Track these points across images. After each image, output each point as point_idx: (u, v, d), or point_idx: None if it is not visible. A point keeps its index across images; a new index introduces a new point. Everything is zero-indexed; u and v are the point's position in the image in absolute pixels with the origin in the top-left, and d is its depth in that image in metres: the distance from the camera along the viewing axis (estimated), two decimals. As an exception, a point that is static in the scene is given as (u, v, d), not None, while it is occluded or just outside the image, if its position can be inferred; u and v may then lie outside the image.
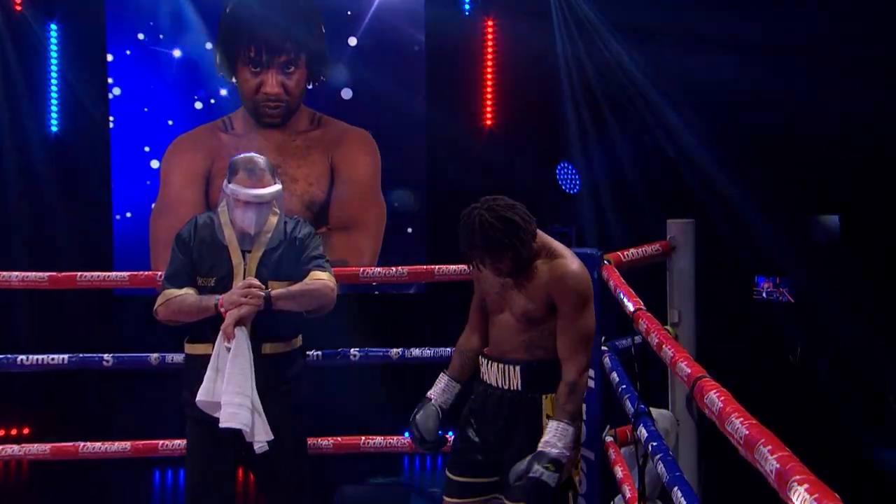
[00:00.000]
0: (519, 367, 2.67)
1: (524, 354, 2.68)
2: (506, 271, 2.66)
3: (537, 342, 2.67)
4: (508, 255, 2.61)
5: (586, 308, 2.64)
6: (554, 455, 2.54)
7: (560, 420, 2.58)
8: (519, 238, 2.61)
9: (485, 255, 2.62)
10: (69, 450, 3.61)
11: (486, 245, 2.59)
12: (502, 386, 2.71)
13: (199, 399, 2.96)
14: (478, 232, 2.60)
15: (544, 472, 2.51)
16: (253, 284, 2.97)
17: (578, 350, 2.62)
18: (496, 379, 2.72)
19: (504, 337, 2.72)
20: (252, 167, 3.06)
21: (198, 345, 3.08)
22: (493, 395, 2.73)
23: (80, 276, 3.52)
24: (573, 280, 2.63)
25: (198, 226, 3.14)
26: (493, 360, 2.74)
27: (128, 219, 7.07)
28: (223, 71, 7.07)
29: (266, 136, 7.11)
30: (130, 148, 7.05)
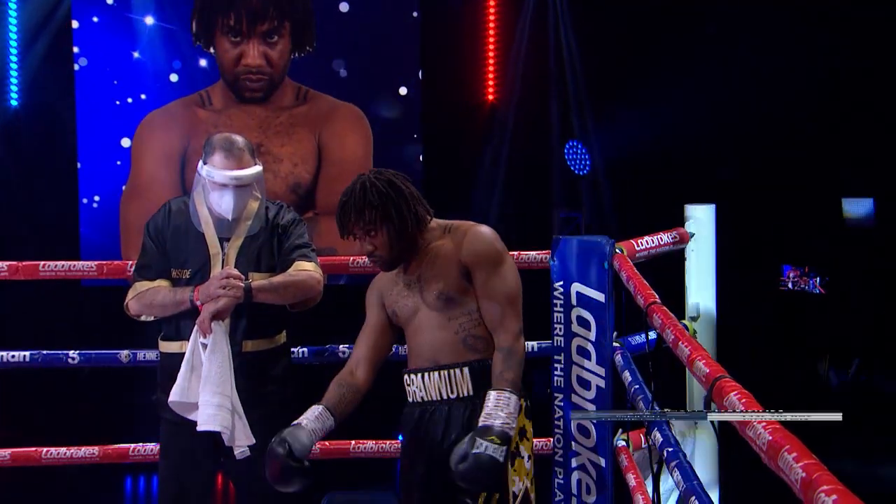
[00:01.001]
0: (467, 369, 2.60)
1: (467, 354, 2.61)
2: (380, 251, 2.60)
3: (473, 332, 2.60)
4: (384, 225, 2.58)
5: (503, 265, 2.61)
6: (498, 426, 2.47)
7: (500, 389, 2.52)
8: (399, 207, 2.59)
9: (358, 220, 2.58)
10: (31, 455, 3.62)
11: (362, 205, 2.57)
12: (448, 396, 2.62)
13: (173, 400, 2.96)
14: (357, 193, 2.60)
15: (489, 445, 2.44)
16: (231, 274, 2.97)
17: (506, 313, 2.58)
18: (438, 390, 2.62)
19: (433, 340, 2.63)
20: (230, 146, 3.05)
21: (172, 342, 3.08)
22: (437, 410, 2.63)
23: (44, 265, 3.52)
24: (481, 238, 2.61)
25: (171, 212, 3.14)
26: (430, 370, 2.63)
27: (96, 203, 7.07)
28: (200, 40, 7.07)
29: (247, 112, 7.11)
30: (98, 125, 7.05)
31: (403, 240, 2.62)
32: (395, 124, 7.19)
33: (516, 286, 2.62)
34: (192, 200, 3.12)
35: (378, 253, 2.62)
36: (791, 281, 6.85)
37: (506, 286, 2.59)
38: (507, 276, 2.61)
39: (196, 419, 2.94)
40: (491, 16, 7.29)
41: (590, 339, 3.41)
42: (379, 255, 2.63)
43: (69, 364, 3.57)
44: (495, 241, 2.63)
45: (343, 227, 2.62)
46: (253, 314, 3.03)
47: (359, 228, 2.60)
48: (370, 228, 2.60)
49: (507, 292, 2.59)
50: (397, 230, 2.60)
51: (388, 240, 2.61)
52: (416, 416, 2.68)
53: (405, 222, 2.61)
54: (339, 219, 2.63)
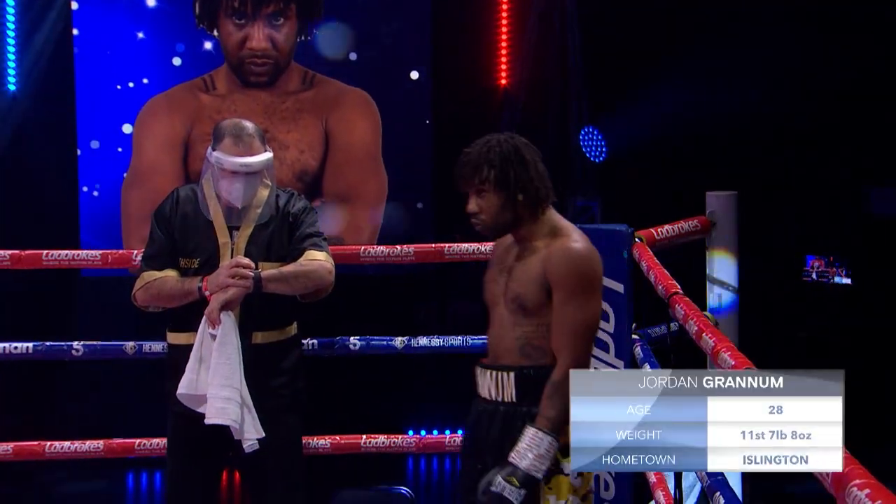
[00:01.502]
0: (513, 374, 2.55)
1: (518, 358, 2.56)
2: (484, 214, 2.55)
3: (533, 341, 2.56)
4: (496, 189, 2.53)
5: (586, 295, 2.51)
6: (523, 468, 2.43)
7: (537, 427, 2.46)
8: (518, 176, 2.52)
9: (473, 175, 2.54)
10: (34, 449, 3.65)
11: (481, 161, 2.53)
12: (495, 398, 2.58)
13: (181, 392, 2.98)
14: (480, 148, 2.56)
15: (506, 486, 2.42)
16: (241, 263, 2.99)
17: (570, 344, 2.50)
18: (489, 390, 2.60)
19: (498, 337, 2.61)
20: (239, 133, 3.07)
21: (181, 334, 3.10)
22: (485, 410, 2.62)
23: (47, 254, 3.55)
24: (573, 260, 2.52)
25: (179, 200, 3.16)
26: (487, 368, 2.62)
27: (96, 190, 7.10)
28: (203, 23, 7.07)
29: (252, 97, 7.11)
30: (99, 111, 7.07)
31: (511, 211, 2.56)
32: (405, 109, 7.19)
33: (593, 320, 2.54)
34: (201, 188, 3.14)
35: (482, 216, 2.57)
36: (815, 271, 6.83)
37: (581, 316, 2.50)
38: (587, 307, 2.51)
39: (204, 412, 2.96)
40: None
41: (608, 330, 3.43)
42: (482, 219, 2.57)
43: (73, 356, 3.60)
44: (585, 266, 2.53)
45: (457, 178, 2.59)
46: (263, 305, 3.05)
47: (471, 184, 2.56)
48: (482, 188, 2.55)
49: (580, 323, 2.50)
50: (508, 198, 2.54)
51: (497, 206, 2.55)
52: (477, 410, 2.67)
53: (518, 193, 2.55)
54: (456, 169, 2.59)
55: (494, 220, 2.56)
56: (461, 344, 3.75)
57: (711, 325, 2.42)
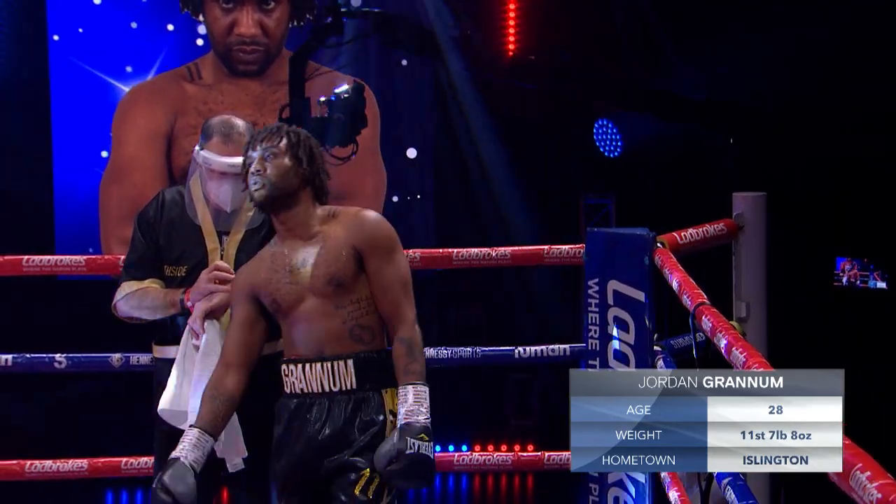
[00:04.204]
0: (351, 361, 2.72)
1: (352, 344, 2.73)
2: (270, 174, 2.73)
3: (361, 322, 2.74)
4: (287, 155, 2.74)
5: (396, 252, 2.77)
6: (422, 422, 2.63)
7: (413, 383, 2.67)
8: (310, 154, 2.77)
9: (267, 139, 2.76)
10: (13, 469, 3.68)
11: (278, 131, 2.77)
12: (331, 389, 2.73)
13: (162, 408, 2.99)
14: (277, 124, 2.84)
15: (419, 444, 2.59)
16: (220, 267, 2.99)
17: (403, 301, 2.74)
18: (320, 383, 2.74)
19: (318, 329, 2.74)
20: (229, 131, 3.07)
21: (168, 347, 3.10)
22: (316, 403, 2.74)
23: (27, 260, 3.57)
24: (375, 224, 2.77)
25: (164, 202, 3.15)
26: (312, 361, 2.74)
27: (72, 188, 7.12)
28: (188, 7, 7.09)
29: (241, 87, 7.14)
30: (76, 102, 7.09)
31: (296, 179, 2.76)
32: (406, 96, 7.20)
33: (408, 272, 2.79)
34: (188, 189, 3.13)
35: (267, 176, 2.74)
36: (847, 275, 6.85)
37: (400, 273, 2.76)
38: (401, 263, 2.77)
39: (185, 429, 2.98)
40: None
41: (628, 341, 3.46)
42: (265, 181, 2.74)
43: (55, 369, 3.62)
44: (387, 226, 2.80)
45: (248, 144, 2.80)
46: (253, 314, 3.08)
47: (261, 147, 2.76)
48: (273, 152, 2.75)
49: (402, 280, 2.75)
50: (296, 168, 2.75)
51: (284, 170, 2.74)
52: (293, 407, 2.77)
53: (305, 168, 2.76)
54: (249, 137, 2.84)
55: (278, 183, 2.74)
56: (471, 355, 3.78)
57: (741, 338, 2.44)
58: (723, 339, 2.47)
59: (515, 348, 3.85)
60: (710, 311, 2.70)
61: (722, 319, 2.63)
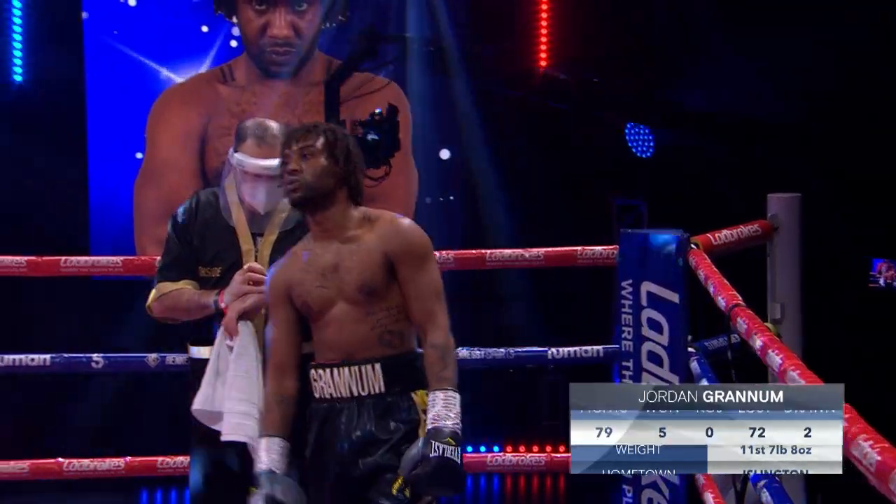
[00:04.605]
0: (379, 365, 2.70)
1: (381, 349, 2.72)
2: (307, 175, 2.71)
3: (391, 328, 2.72)
4: (324, 155, 2.73)
5: (430, 260, 2.76)
6: (450, 427, 2.61)
7: (444, 388, 2.66)
8: (347, 154, 2.75)
9: (303, 139, 2.74)
10: (52, 468, 3.72)
11: (314, 130, 2.76)
12: (359, 393, 2.71)
13: (196, 408, 3.01)
14: (315, 124, 2.83)
15: (446, 447, 2.58)
16: (253, 268, 3.01)
17: (437, 309, 2.73)
18: (348, 387, 2.72)
19: (347, 334, 2.73)
20: (263, 133, 3.09)
21: (203, 347, 3.12)
22: (344, 408, 2.73)
23: (65, 261, 3.61)
24: (408, 232, 2.75)
25: (199, 204, 3.17)
26: (340, 365, 2.73)
27: (107, 189, 7.17)
28: (222, 8, 7.13)
29: (273, 88, 7.16)
30: (111, 103, 7.13)
31: (333, 179, 2.74)
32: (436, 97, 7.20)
33: (440, 280, 2.78)
34: (223, 191, 3.16)
35: (303, 177, 2.72)
36: (883, 276, 6.80)
37: (433, 282, 2.75)
38: (434, 270, 2.77)
39: (220, 429, 3.00)
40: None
41: (662, 343, 3.46)
42: (302, 181, 2.72)
43: (93, 369, 3.66)
44: (421, 234, 2.78)
45: (285, 143, 2.78)
46: (287, 316, 3.10)
47: (297, 146, 2.74)
48: (309, 151, 2.74)
49: (435, 288, 2.75)
50: (333, 168, 2.74)
51: (320, 170, 2.73)
52: (323, 412, 2.76)
53: (342, 167, 2.75)
54: (286, 135, 2.82)
55: (313, 180, 2.72)
56: (504, 356, 3.79)
57: (778, 340, 2.44)
58: (758, 341, 2.47)
59: (549, 349, 3.86)
60: (746, 313, 2.70)
61: (757, 321, 2.63)
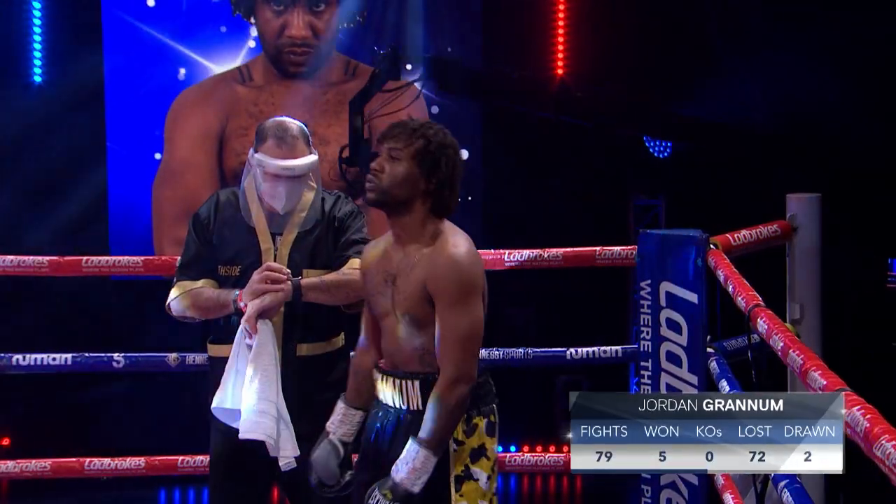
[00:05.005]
0: (418, 382, 2.66)
1: (422, 367, 2.67)
2: (385, 178, 2.63)
3: (431, 350, 2.65)
4: (413, 162, 2.62)
5: (465, 302, 2.60)
6: (397, 481, 2.56)
7: (415, 440, 2.59)
8: (438, 165, 2.62)
9: (398, 138, 2.63)
10: (73, 466, 3.75)
11: (415, 131, 2.63)
12: (400, 405, 2.70)
13: (215, 406, 3.03)
14: (421, 122, 2.68)
15: (380, 499, 2.55)
16: (271, 268, 3.03)
17: (451, 354, 2.58)
18: (393, 398, 2.71)
19: (395, 347, 2.70)
20: (283, 134, 3.11)
21: (223, 346, 3.14)
22: (389, 416, 2.72)
23: (87, 260, 3.64)
24: (451, 267, 2.60)
25: (219, 204, 3.19)
26: (388, 374, 2.72)
27: (126, 188, 7.20)
28: (240, 9, 7.15)
29: (291, 89, 7.18)
30: (130, 103, 7.16)
31: (411, 189, 2.65)
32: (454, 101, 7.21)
33: (473, 327, 2.62)
34: (243, 191, 3.18)
35: (382, 177, 2.64)
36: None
37: (458, 327, 2.59)
38: (465, 315, 2.60)
39: (239, 427, 3.02)
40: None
41: (681, 343, 3.46)
42: (379, 181, 2.65)
43: (114, 368, 3.69)
44: (464, 272, 2.62)
45: (381, 136, 2.68)
46: (307, 315, 3.10)
47: (388, 145, 2.65)
48: (397, 154, 2.64)
49: (459, 333, 2.59)
50: (416, 177, 2.64)
51: (401, 178, 2.63)
52: (374, 412, 2.78)
53: (426, 179, 2.65)
54: (388, 127, 2.69)
55: (391, 188, 2.64)
56: (522, 356, 3.80)
57: (799, 341, 2.44)
58: (779, 342, 2.46)
59: (567, 349, 3.86)
60: (766, 313, 2.70)
61: (777, 321, 2.63)
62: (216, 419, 3.09)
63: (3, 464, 3.74)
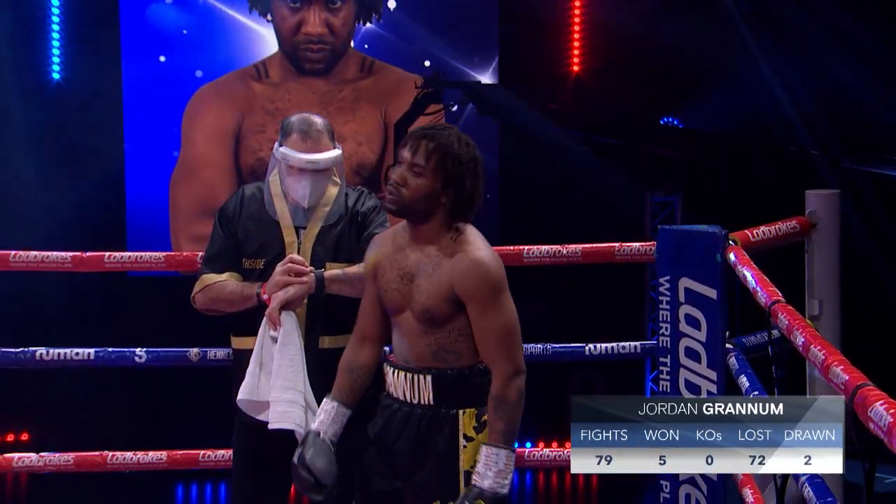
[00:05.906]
0: (430, 377, 2.69)
1: (433, 362, 2.70)
2: (406, 191, 2.64)
3: (448, 346, 2.69)
4: (434, 176, 2.63)
5: (499, 300, 2.65)
6: (485, 488, 2.58)
7: (489, 444, 2.61)
8: (460, 176, 2.64)
9: (418, 147, 2.65)
10: (95, 460, 3.77)
11: (435, 142, 2.64)
12: (411, 400, 2.72)
13: (241, 398, 3.06)
14: (441, 131, 2.69)
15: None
16: (294, 260, 3.06)
17: (501, 352, 2.64)
18: (404, 392, 2.73)
19: (408, 342, 2.73)
20: (307, 128, 3.14)
21: (247, 338, 3.17)
22: (399, 411, 2.74)
23: (109, 256, 3.66)
24: (479, 270, 2.64)
25: (244, 198, 3.23)
26: (400, 368, 2.74)
27: (143, 185, 7.23)
28: (256, 7, 7.18)
29: (307, 86, 7.20)
30: (148, 100, 7.20)
31: (431, 203, 2.67)
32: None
33: (512, 320, 2.67)
34: (267, 185, 3.21)
35: (404, 192, 2.66)
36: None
37: (498, 325, 2.65)
38: (502, 312, 2.65)
39: (266, 419, 3.03)
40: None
41: (700, 339, 3.47)
42: (401, 195, 2.66)
43: (136, 363, 3.71)
44: (492, 274, 2.66)
45: (403, 143, 2.70)
46: (331, 307, 3.12)
47: (410, 155, 2.67)
48: (419, 169, 2.66)
49: (499, 331, 2.65)
50: (437, 191, 2.66)
51: (422, 192, 2.66)
52: (386, 405, 2.79)
53: (447, 192, 2.67)
54: (411, 134, 2.71)
55: (412, 200, 2.66)
56: (541, 351, 3.80)
57: (820, 337, 2.45)
58: (800, 337, 2.47)
59: (586, 345, 3.87)
60: (786, 309, 2.70)
61: (798, 317, 2.64)
62: (241, 412, 3.11)
63: (26, 457, 3.77)
